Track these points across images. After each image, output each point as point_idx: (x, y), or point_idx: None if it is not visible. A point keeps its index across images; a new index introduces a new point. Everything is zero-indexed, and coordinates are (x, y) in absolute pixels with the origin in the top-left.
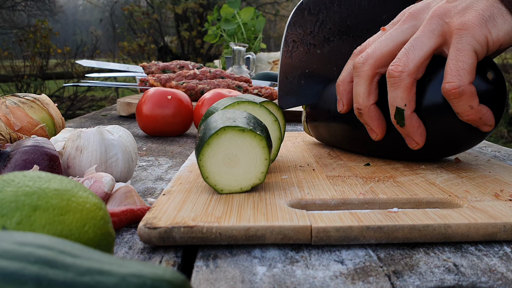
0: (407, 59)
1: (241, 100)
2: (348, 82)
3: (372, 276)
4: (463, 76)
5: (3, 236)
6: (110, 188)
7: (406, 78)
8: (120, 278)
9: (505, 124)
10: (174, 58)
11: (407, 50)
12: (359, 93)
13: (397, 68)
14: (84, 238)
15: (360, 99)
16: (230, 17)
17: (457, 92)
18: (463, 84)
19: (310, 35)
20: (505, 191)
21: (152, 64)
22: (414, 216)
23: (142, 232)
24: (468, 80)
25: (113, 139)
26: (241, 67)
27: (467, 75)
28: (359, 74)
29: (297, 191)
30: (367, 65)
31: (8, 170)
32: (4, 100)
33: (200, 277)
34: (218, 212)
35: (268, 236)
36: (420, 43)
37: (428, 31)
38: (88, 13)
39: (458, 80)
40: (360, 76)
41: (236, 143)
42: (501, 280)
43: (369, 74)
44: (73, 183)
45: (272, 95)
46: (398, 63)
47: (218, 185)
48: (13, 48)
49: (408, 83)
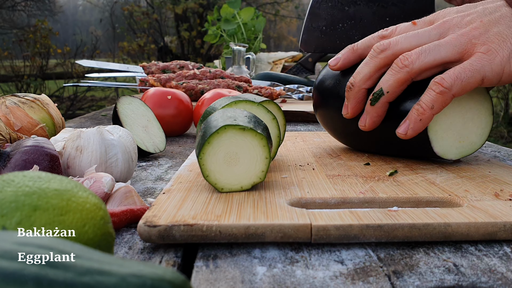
0: (417, 58)
1: (239, 100)
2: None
3: (372, 276)
4: (456, 86)
5: (3, 236)
6: (110, 188)
7: (405, 73)
8: (120, 278)
9: (505, 124)
10: (174, 58)
11: (422, 50)
12: (361, 72)
13: (404, 61)
14: (84, 238)
15: (358, 78)
16: (230, 17)
17: (439, 89)
18: (450, 90)
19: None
20: (505, 190)
21: (152, 64)
22: (414, 215)
23: (142, 230)
24: (456, 92)
25: (113, 139)
26: (241, 67)
27: (459, 88)
28: (372, 57)
29: (297, 190)
30: (383, 54)
31: (8, 170)
32: (4, 100)
33: (200, 277)
34: (218, 211)
35: (268, 235)
36: (437, 50)
37: (451, 45)
38: (88, 13)
39: (451, 84)
40: (372, 59)
41: (237, 142)
42: (501, 280)
43: (380, 63)
44: (73, 183)
45: (272, 95)
46: (408, 56)
47: (219, 183)
48: (13, 48)
49: (404, 77)
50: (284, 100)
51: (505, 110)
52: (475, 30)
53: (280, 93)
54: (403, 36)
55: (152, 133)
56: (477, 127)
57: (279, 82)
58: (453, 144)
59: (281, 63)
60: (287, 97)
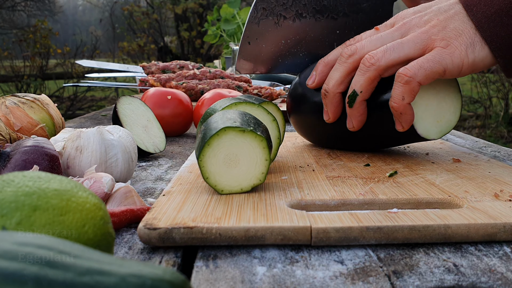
0: (383, 56)
1: (239, 101)
2: (330, 66)
3: (372, 276)
4: (420, 74)
5: (3, 236)
6: (110, 188)
7: (373, 71)
8: (120, 278)
9: (505, 124)
10: (174, 58)
11: (387, 48)
12: (333, 78)
13: (371, 59)
14: (84, 238)
15: (331, 84)
16: (230, 17)
17: (404, 79)
18: (414, 78)
19: (282, 6)
20: (505, 191)
21: (152, 64)
22: (414, 216)
23: (142, 233)
24: (420, 79)
25: (113, 139)
26: None
27: (422, 76)
28: (341, 63)
29: (297, 191)
30: (351, 59)
31: (8, 170)
32: (4, 100)
33: (200, 277)
34: (218, 213)
35: (268, 237)
36: (400, 47)
37: (413, 42)
38: (88, 13)
39: (414, 72)
40: (342, 65)
41: (237, 144)
42: (501, 280)
43: (350, 67)
44: (73, 183)
45: (271, 95)
46: (374, 55)
47: (219, 185)
48: (13, 48)
49: (373, 75)
50: (284, 100)
51: (505, 110)
52: (434, 28)
53: (280, 93)
54: (368, 40)
55: (152, 133)
56: (449, 106)
57: (279, 82)
58: (433, 124)
59: None
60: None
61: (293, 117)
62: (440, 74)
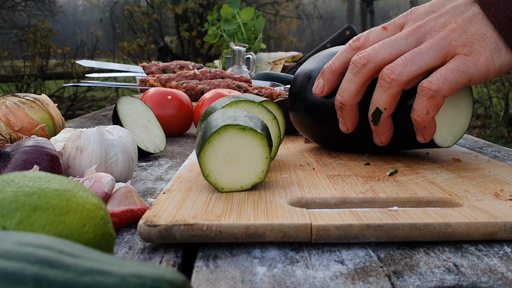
0: (403, 70)
1: (239, 100)
2: (338, 73)
3: (372, 276)
4: (444, 87)
5: (3, 236)
6: (110, 188)
7: (395, 87)
8: (120, 278)
9: (505, 124)
10: (174, 58)
11: (406, 60)
12: (348, 89)
13: (391, 75)
14: (84, 238)
15: (347, 96)
16: (230, 17)
17: (429, 93)
18: (439, 93)
19: None
20: (505, 190)
21: (152, 64)
22: (414, 214)
23: (142, 230)
24: (445, 93)
25: (113, 139)
26: (241, 67)
27: (447, 89)
28: (355, 73)
29: (297, 190)
30: (365, 68)
31: (8, 170)
32: (4, 100)
33: (200, 277)
34: (218, 210)
35: (268, 234)
36: (420, 58)
37: (433, 50)
38: (88, 13)
39: (439, 87)
40: (356, 76)
41: (237, 142)
42: (501, 280)
43: (365, 77)
44: (73, 183)
45: (272, 95)
46: (393, 69)
47: (219, 183)
48: (13, 48)
49: (395, 91)
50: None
51: (505, 110)
52: (453, 33)
53: (280, 93)
54: (381, 45)
55: (152, 133)
56: (462, 110)
57: (279, 82)
58: (448, 131)
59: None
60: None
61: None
62: (465, 84)
